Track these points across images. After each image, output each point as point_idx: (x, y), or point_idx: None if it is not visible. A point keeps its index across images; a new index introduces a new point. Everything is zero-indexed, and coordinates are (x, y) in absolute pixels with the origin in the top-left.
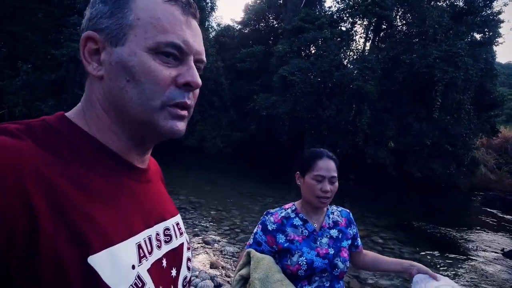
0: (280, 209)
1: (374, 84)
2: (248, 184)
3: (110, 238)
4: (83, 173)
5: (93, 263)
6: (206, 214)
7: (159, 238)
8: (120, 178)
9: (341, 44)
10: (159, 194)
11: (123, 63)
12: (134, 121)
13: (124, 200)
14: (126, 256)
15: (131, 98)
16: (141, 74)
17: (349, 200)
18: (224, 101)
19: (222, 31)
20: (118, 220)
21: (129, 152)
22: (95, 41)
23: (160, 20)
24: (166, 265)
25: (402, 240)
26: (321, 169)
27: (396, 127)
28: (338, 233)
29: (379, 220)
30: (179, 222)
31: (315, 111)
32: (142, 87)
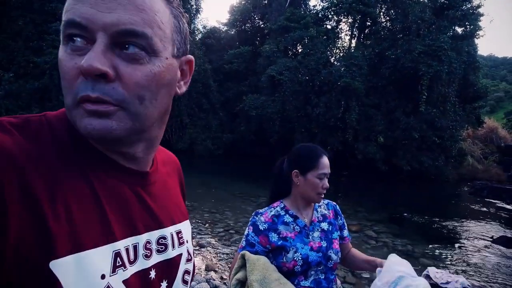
0: (269, 208)
1: (361, 81)
2: (240, 185)
3: (80, 243)
4: (67, 172)
5: (55, 268)
6: (199, 217)
7: (150, 247)
8: (106, 180)
9: (327, 42)
10: (163, 199)
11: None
12: None
13: (108, 204)
14: (96, 264)
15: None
16: (60, 70)
17: (341, 196)
18: (213, 103)
19: (208, 33)
20: (96, 225)
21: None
22: None
23: (67, 4)
24: (155, 277)
25: (394, 233)
26: (325, 167)
27: (385, 122)
28: (328, 225)
29: (372, 214)
30: (183, 230)
31: (304, 110)
32: (62, 85)
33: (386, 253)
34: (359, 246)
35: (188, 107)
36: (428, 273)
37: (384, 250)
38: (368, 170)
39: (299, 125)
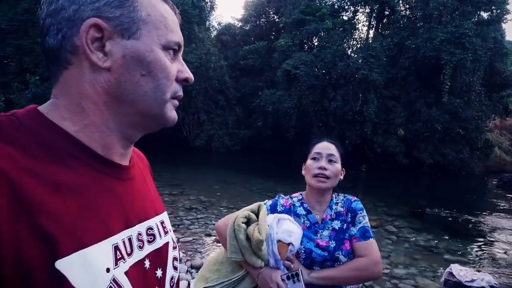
0: (290, 197)
1: (379, 72)
2: (257, 181)
3: (82, 240)
4: (53, 170)
5: (62, 267)
6: (217, 213)
7: (141, 238)
8: (97, 176)
9: (343, 34)
10: (143, 192)
11: (140, 57)
12: (144, 113)
13: (101, 199)
14: (100, 258)
15: (145, 92)
16: (158, 70)
17: (361, 190)
18: (229, 99)
19: (223, 30)
20: (93, 221)
21: (113, 148)
22: (100, 30)
23: (167, 19)
24: (150, 266)
25: (416, 228)
26: (318, 148)
27: (405, 114)
28: (341, 224)
29: (392, 209)
30: (165, 220)
31: (321, 104)
32: (158, 81)
33: (407, 248)
34: (379, 241)
35: (204, 104)
36: (451, 271)
37: (405, 245)
38: (388, 163)
39: (316, 119)
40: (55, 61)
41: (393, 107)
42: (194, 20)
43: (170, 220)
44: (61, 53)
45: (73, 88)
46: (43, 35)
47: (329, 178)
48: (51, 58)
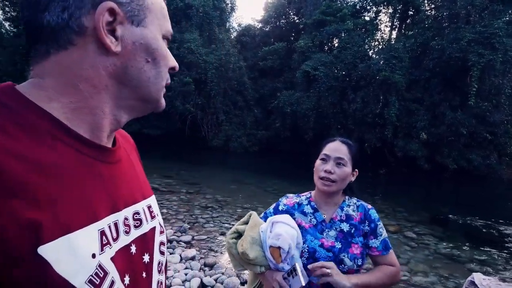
0: (297, 196)
1: (401, 74)
2: (274, 182)
3: (67, 225)
4: (36, 152)
5: (45, 253)
6: (232, 212)
7: (128, 223)
8: (82, 159)
9: (365, 34)
10: (130, 175)
11: (147, 45)
12: (143, 98)
13: (87, 183)
14: (85, 244)
15: (148, 78)
16: (160, 58)
17: (379, 195)
18: (247, 100)
19: (243, 31)
20: (77, 205)
21: (103, 131)
22: (112, 14)
23: (164, 10)
24: (136, 251)
25: (437, 235)
26: (328, 149)
27: (428, 117)
28: (350, 227)
29: (412, 214)
30: (152, 204)
31: (340, 105)
32: (159, 69)
33: (427, 255)
34: (397, 248)
35: (223, 105)
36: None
37: (425, 252)
38: (409, 168)
39: (335, 121)
40: (49, 40)
41: (416, 110)
42: (215, 22)
43: (186, 218)
44: (63, 32)
45: (70, 70)
46: (38, 10)
47: (335, 181)
48: (43, 36)
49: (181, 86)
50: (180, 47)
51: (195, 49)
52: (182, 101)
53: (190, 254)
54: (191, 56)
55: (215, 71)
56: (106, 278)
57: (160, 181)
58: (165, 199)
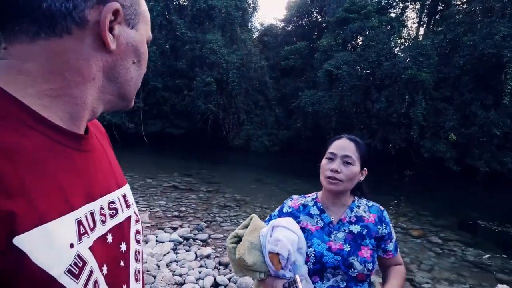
0: (302, 197)
1: (429, 72)
2: (294, 182)
3: (42, 215)
4: (6, 139)
5: (21, 244)
6: (250, 212)
7: (103, 212)
8: (55, 146)
9: (390, 32)
10: (104, 164)
11: (137, 47)
12: (123, 96)
13: (61, 172)
14: (63, 234)
15: (131, 78)
16: (143, 60)
17: (403, 197)
18: (269, 99)
19: (265, 31)
20: (53, 194)
21: (82, 121)
22: (115, 14)
23: (149, 17)
24: (113, 240)
25: (465, 241)
26: (335, 147)
27: (457, 117)
28: (361, 229)
29: (438, 219)
30: (127, 193)
31: (363, 105)
32: (141, 70)
33: (452, 263)
34: (420, 253)
35: (244, 104)
36: None
37: (451, 259)
38: (436, 170)
39: (358, 121)
40: (44, 23)
41: (444, 109)
42: (237, 22)
43: (204, 217)
44: (63, 20)
45: (59, 57)
46: None
47: (342, 181)
48: (37, 18)
49: (203, 86)
50: (202, 47)
51: (217, 49)
52: (204, 100)
53: (206, 252)
54: (213, 56)
55: (237, 71)
56: (85, 267)
57: (180, 180)
58: (184, 197)
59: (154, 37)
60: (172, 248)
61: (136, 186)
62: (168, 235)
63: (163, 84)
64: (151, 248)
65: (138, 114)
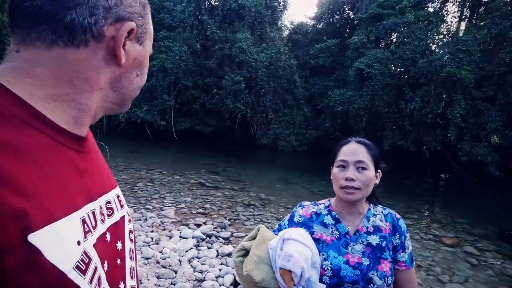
0: (314, 204)
1: (470, 69)
2: (321, 183)
3: (52, 213)
4: (13, 140)
5: (35, 240)
6: (274, 211)
7: (102, 212)
8: (58, 148)
9: (427, 27)
10: (99, 165)
11: (142, 62)
12: (122, 103)
13: (64, 172)
14: (71, 232)
15: (133, 89)
16: (145, 74)
17: (437, 202)
18: (297, 99)
19: (295, 29)
20: (59, 194)
21: (85, 125)
22: (129, 33)
23: (152, 32)
24: (110, 239)
25: (505, 253)
26: (345, 153)
27: (501, 118)
28: (380, 240)
29: (475, 227)
30: (119, 194)
31: (396, 105)
32: (141, 83)
33: (490, 276)
34: (454, 263)
35: (273, 103)
36: None
37: (487, 272)
38: (475, 175)
39: (390, 121)
40: (64, 34)
41: (486, 110)
42: (267, 20)
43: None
44: (82, 33)
45: (72, 66)
46: (65, 6)
47: (360, 189)
48: (58, 28)
49: (232, 85)
50: (232, 46)
51: (246, 48)
52: (232, 99)
53: (227, 250)
54: (242, 55)
55: (266, 70)
56: (91, 264)
57: (207, 177)
58: (210, 195)
59: (186, 37)
60: (194, 244)
61: (164, 182)
62: (191, 232)
63: (193, 83)
64: (175, 244)
65: (169, 112)
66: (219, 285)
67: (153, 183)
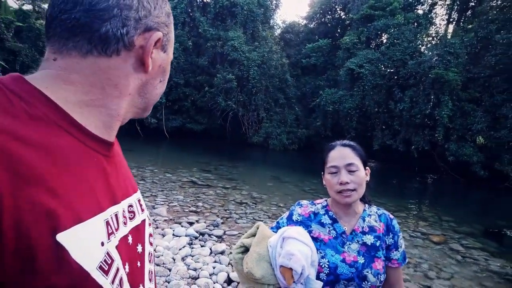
0: (311, 203)
1: (457, 71)
2: (312, 182)
3: (79, 215)
4: (47, 141)
5: (62, 240)
6: (266, 210)
7: (125, 214)
8: (87, 151)
9: (417, 29)
10: (123, 169)
11: (165, 68)
12: (147, 108)
13: (92, 175)
14: (95, 233)
15: (156, 94)
16: (167, 79)
17: (425, 201)
18: (289, 97)
19: (287, 28)
20: (87, 196)
21: (113, 130)
22: (156, 42)
23: (173, 39)
24: (132, 241)
25: (489, 250)
26: (334, 159)
27: (486, 119)
28: (374, 240)
29: (461, 225)
30: (140, 198)
31: (386, 105)
32: (163, 88)
33: (475, 272)
34: (440, 260)
35: (264, 102)
36: None
37: (472, 268)
38: (462, 174)
39: (380, 121)
40: (99, 44)
41: (472, 111)
42: (259, 19)
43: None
44: (115, 43)
45: (104, 73)
46: (100, 18)
47: (355, 190)
48: (93, 39)
49: (223, 83)
50: (224, 44)
51: (239, 46)
52: (224, 97)
53: (220, 248)
54: (235, 53)
55: (257, 68)
56: (113, 265)
57: (199, 175)
58: (202, 193)
59: (178, 34)
60: (188, 242)
61: (156, 180)
62: (184, 230)
63: (184, 81)
64: (168, 242)
65: (160, 109)
66: (213, 283)
67: (145, 181)
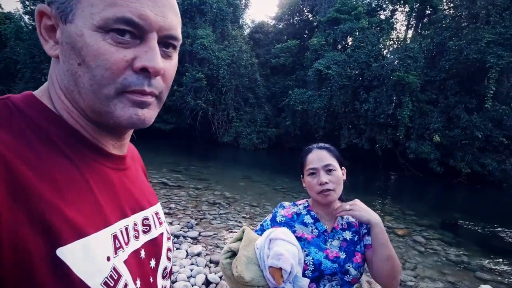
0: (293, 204)
1: (416, 74)
2: (283, 180)
3: (82, 229)
4: (50, 158)
5: (63, 255)
6: (240, 210)
7: (137, 228)
8: (93, 165)
9: (380, 33)
10: (138, 182)
11: (72, 44)
12: (90, 109)
13: (98, 189)
14: (101, 247)
15: (83, 84)
16: (90, 58)
17: (389, 196)
18: (259, 97)
19: (256, 28)
20: (91, 210)
21: (102, 137)
22: (49, 17)
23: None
24: (145, 256)
25: (447, 241)
26: (312, 161)
27: (442, 119)
28: (352, 235)
29: (422, 218)
30: (159, 211)
31: (352, 105)
32: (92, 72)
33: (435, 261)
34: (405, 252)
35: (234, 101)
36: None
37: (434, 258)
38: (421, 171)
39: (346, 121)
40: None
41: (429, 112)
42: (228, 18)
43: (194, 214)
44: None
45: (50, 74)
46: None
47: (334, 189)
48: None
49: (193, 82)
50: (193, 43)
51: (208, 45)
52: (193, 96)
53: (196, 250)
54: (204, 52)
55: (227, 68)
56: (120, 280)
57: (169, 176)
58: (174, 194)
59: None
60: None
61: None
62: None
63: None
64: None
65: None
66: (192, 285)
67: None
